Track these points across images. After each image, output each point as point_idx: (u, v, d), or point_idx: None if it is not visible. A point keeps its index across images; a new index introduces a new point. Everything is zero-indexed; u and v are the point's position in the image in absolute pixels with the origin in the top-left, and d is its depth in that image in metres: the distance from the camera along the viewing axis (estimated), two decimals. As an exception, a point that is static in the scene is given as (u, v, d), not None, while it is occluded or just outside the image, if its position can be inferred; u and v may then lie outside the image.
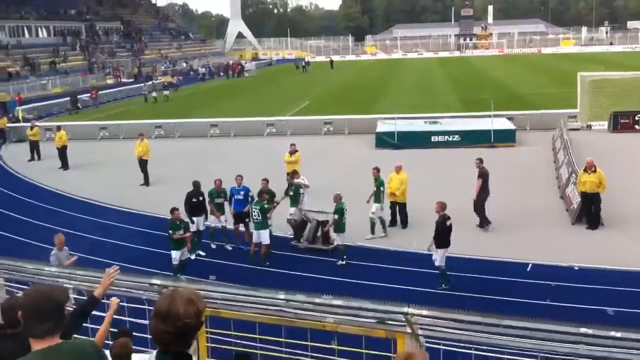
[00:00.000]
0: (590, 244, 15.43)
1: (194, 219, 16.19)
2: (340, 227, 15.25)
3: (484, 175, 17.04)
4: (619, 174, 19.85)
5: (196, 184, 16.72)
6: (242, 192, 16.68)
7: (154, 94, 52.12)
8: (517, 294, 12.64)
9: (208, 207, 16.66)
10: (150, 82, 57.13)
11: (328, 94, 52.05)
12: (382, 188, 16.92)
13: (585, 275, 13.40)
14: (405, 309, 5.11)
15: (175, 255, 14.23)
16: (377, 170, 17.27)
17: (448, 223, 13.35)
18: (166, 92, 52.72)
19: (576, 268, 13.59)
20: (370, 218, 16.69)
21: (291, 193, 17.31)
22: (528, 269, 13.58)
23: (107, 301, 5.68)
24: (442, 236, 13.26)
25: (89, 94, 51.62)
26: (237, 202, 16.70)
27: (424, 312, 5.11)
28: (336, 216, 15.25)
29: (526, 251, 14.86)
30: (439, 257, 13.32)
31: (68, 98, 48.60)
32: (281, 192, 17.70)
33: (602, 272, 13.70)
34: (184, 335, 2.84)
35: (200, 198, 16.50)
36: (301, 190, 17.26)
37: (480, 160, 17.39)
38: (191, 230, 15.72)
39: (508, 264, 14.33)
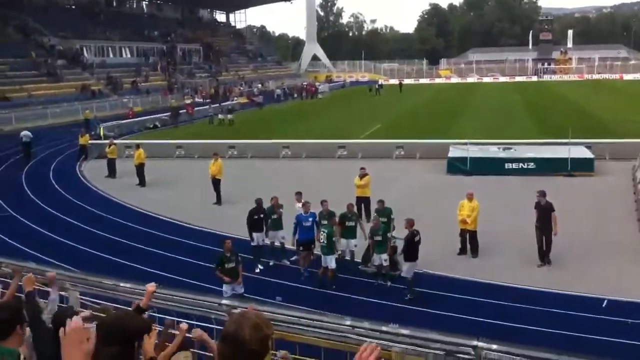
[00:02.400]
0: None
1: (254, 235, 16.74)
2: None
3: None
4: None
5: (258, 202, 17.14)
6: (310, 219, 16.33)
7: (220, 116, 52.52)
8: (592, 330, 12.16)
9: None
10: (216, 105, 58.35)
11: (400, 117, 51.92)
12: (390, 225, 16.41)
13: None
14: (475, 342, 5.00)
15: (226, 289, 13.46)
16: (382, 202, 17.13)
17: (416, 239, 14.57)
18: (230, 116, 52.22)
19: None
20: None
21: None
22: (604, 305, 13.07)
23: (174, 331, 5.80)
24: (411, 250, 14.43)
25: (185, 110, 56.13)
26: (304, 230, 16.20)
27: (494, 347, 4.99)
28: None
29: (602, 286, 14.31)
30: (406, 269, 14.52)
31: (169, 113, 53.63)
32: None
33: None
34: None
35: (262, 215, 16.92)
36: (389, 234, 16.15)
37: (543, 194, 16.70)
38: (252, 244, 16.45)
39: (583, 298, 13.83)
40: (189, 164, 32.42)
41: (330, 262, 15.10)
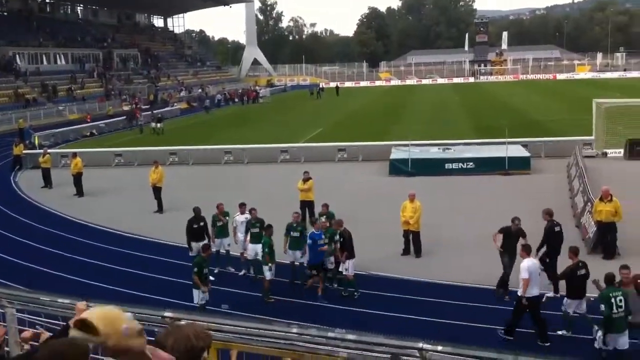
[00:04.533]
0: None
1: (193, 244, 16.24)
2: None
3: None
4: (635, 202, 19.63)
5: (197, 210, 16.77)
6: (324, 237, 15.10)
7: (152, 124, 49.95)
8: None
9: (211, 232, 16.71)
10: (149, 113, 55.79)
11: (342, 121, 52.23)
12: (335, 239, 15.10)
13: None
14: (420, 345, 5.03)
15: (202, 295, 13.12)
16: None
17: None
18: (160, 125, 48.95)
19: (592, 299, 13.35)
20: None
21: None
22: (543, 300, 13.38)
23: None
24: (352, 247, 14.74)
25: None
26: (317, 250, 14.85)
27: (439, 348, 5.03)
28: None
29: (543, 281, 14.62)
30: (351, 266, 14.60)
31: (124, 117, 55.69)
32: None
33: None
34: None
35: (202, 224, 16.54)
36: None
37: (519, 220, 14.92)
38: (191, 254, 16.01)
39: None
40: (129, 172, 31.81)
41: (265, 272, 14.77)
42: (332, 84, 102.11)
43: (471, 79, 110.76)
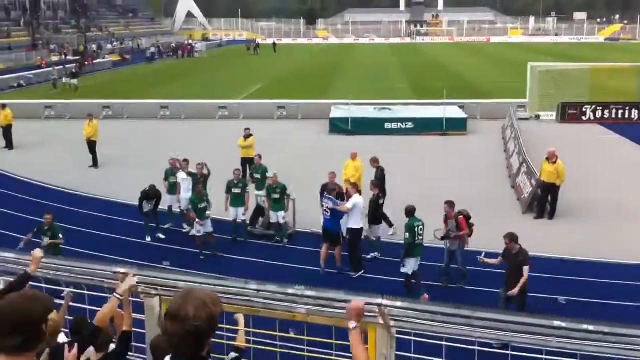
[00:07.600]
0: (540, 233, 15.73)
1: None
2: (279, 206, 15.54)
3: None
4: (568, 165, 20.24)
5: (152, 188, 15.89)
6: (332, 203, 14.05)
7: (64, 80, 45.23)
8: (472, 282, 12.81)
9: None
10: (61, 67, 50.55)
11: (280, 78, 51.71)
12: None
13: (535, 264, 13.61)
14: (379, 300, 5.08)
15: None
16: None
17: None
18: (74, 81, 44.55)
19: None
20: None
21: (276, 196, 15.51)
22: (482, 256, 13.74)
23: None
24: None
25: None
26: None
27: (398, 304, 5.10)
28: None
29: (477, 240, 14.94)
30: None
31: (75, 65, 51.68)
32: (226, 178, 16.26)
33: (551, 261, 14.00)
34: (194, 339, 2.73)
35: (154, 201, 15.88)
36: (288, 192, 15.68)
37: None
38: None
39: (467, 252, 14.42)
40: (60, 126, 30.72)
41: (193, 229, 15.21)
42: (269, 40, 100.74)
43: (407, 40, 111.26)
